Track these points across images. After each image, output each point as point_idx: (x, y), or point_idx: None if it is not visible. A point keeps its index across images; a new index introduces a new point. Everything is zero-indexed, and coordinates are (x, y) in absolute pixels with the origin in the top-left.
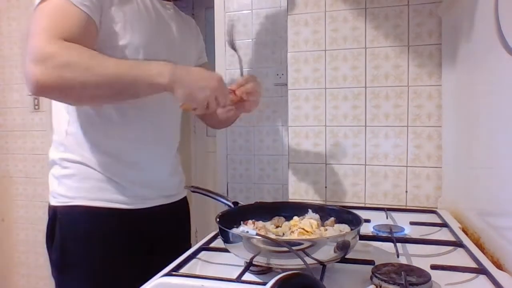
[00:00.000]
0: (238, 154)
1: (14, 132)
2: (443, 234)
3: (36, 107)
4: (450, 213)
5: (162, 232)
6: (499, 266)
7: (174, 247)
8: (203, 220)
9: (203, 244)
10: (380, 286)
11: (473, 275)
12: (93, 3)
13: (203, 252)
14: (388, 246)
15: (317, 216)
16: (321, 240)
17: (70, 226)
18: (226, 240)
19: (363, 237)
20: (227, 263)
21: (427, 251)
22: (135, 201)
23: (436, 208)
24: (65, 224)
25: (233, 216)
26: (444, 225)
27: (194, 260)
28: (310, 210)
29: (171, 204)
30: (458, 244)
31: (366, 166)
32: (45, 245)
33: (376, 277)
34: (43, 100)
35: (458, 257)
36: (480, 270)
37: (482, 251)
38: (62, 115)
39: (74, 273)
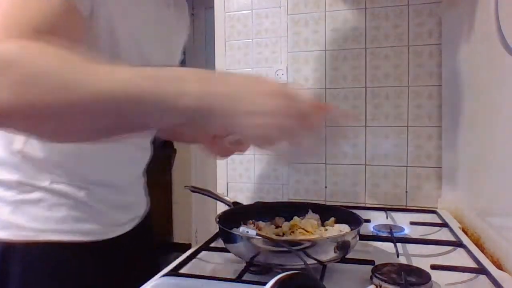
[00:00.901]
0: (238, 154)
1: None
2: (443, 234)
3: None
4: (450, 213)
5: (137, 254)
6: (499, 266)
7: (148, 266)
8: (203, 220)
9: (203, 244)
10: (380, 286)
11: (473, 275)
12: None
13: (203, 252)
14: (388, 246)
15: (317, 216)
16: (321, 240)
17: (35, 267)
18: (226, 240)
19: (363, 237)
20: (227, 263)
21: (427, 251)
22: (109, 229)
23: (436, 208)
24: (27, 265)
25: (233, 216)
26: (444, 225)
27: (194, 260)
28: (310, 210)
29: (138, 225)
30: (458, 244)
31: (366, 166)
32: None
33: (376, 277)
34: None
35: (458, 257)
36: (480, 270)
37: (482, 251)
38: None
39: None
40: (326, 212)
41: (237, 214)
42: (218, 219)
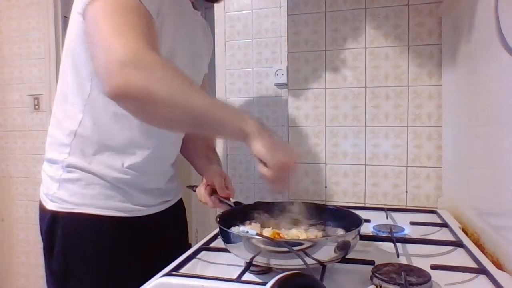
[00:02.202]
0: (238, 154)
1: (14, 132)
2: (443, 234)
3: (36, 107)
4: (450, 213)
5: (165, 236)
6: (499, 266)
7: (177, 247)
8: (203, 220)
9: (203, 244)
10: (380, 286)
11: (473, 275)
12: (154, 3)
13: (203, 252)
14: (388, 246)
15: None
16: (322, 240)
17: (73, 234)
18: (226, 240)
19: (363, 237)
20: (227, 263)
21: (427, 251)
22: (139, 208)
23: (436, 208)
24: (68, 232)
25: (233, 216)
26: (444, 225)
27: (194, 260)
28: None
29: (170, 208)
30: (458, 244)
31: (366, 166)
32: (42, 254)
33: (376, 277)
34: (43, 100)
35: (458, 257)
36: (480, 270)
37: (482, 251)
38: (73, 113)
39: (77, 283)
40: (326, 213)
41: (237, 214)
42: (218, 219)
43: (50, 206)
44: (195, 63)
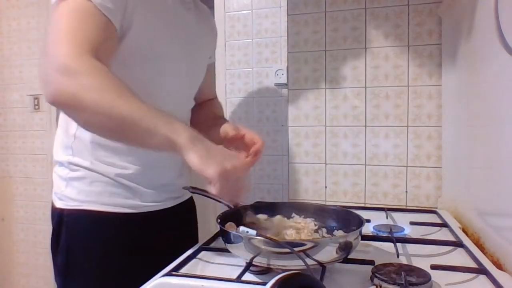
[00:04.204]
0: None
1: (14, 132)
2: (443, 234)
3: (36, 107)
4: (450, 213)
5: (171, 234)
6: (499, 266)
7: (183, 247)
8: (203, 220)
9: (203, 244)
10: (380, 286)
11: (473, 275)
12: (116, 5)
13: (203, 252)
14: (388, 246)
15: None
16: (323, 241)
17: (77, 230)
18: (227, 240)
19: (363, 237)
20: (227, 263)
21: (427, 251)
22: (145, 205)
23: (436, 208)
24: (72, 228)
25: (233, 216)
26: (444, 225)
27: (194, 260)
28: (293, 213)
29: (178, 205)
30: (458, 244)
31: (366, 166)
32: (49, 249)
33: (376, 277)
34: (43, 100)
35: (458, 257)
36: (480, 270)
37: (482, 251)
38: None
39: (80, 278)
40: (326, 213)
41: (237, 214)
42: (219, 220)
43: (58, 204)
44: (192, 54)
